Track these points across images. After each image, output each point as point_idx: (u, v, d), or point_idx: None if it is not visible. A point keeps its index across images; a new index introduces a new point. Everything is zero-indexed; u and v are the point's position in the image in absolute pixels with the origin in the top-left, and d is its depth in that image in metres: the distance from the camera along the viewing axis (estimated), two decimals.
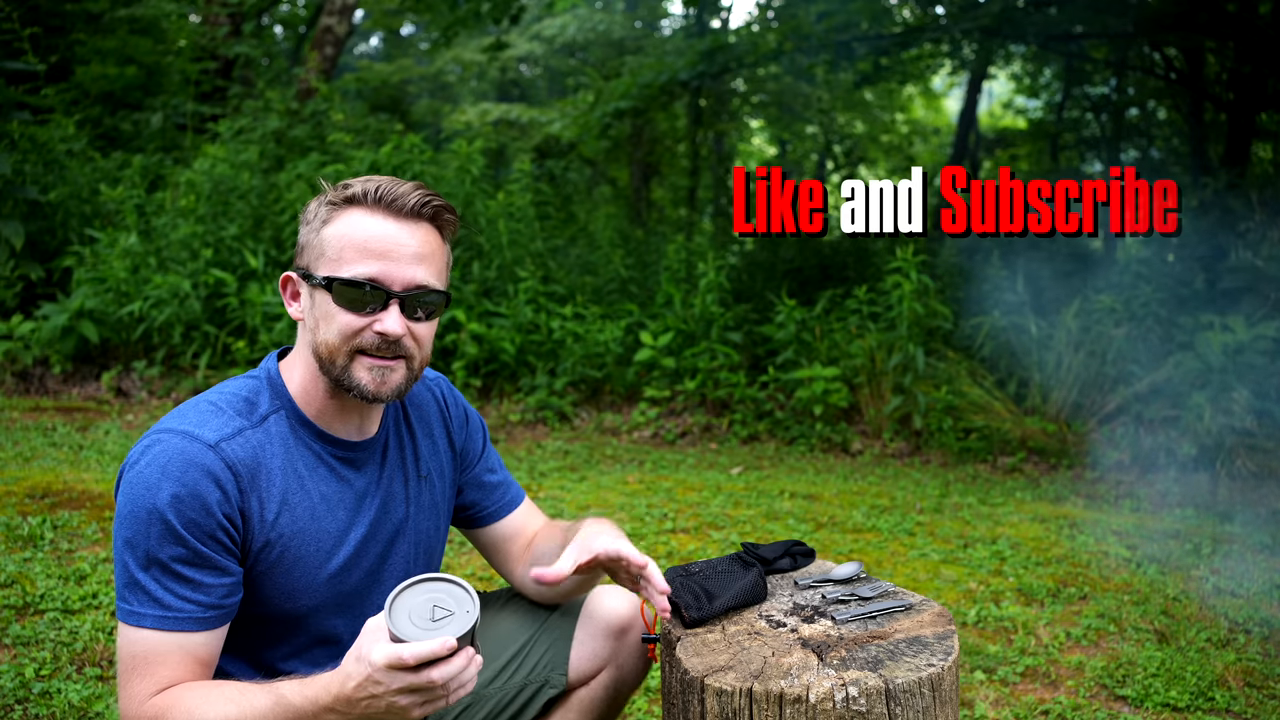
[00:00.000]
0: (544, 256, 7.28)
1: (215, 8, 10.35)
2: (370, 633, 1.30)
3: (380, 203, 1.48)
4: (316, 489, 1.54)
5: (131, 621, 1.40)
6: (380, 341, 1.48)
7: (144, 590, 1.40)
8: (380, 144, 7.67)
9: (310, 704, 1.32)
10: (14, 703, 2.38)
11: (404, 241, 1.48)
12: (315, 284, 1.49)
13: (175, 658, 1.40)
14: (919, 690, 1.40)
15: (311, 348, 1.52)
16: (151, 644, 1.40)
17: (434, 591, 1.31)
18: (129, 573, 1.40)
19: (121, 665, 1.41)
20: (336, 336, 1.48)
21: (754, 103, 14.99)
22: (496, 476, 1.82)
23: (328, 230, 1.49)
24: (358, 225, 1.48)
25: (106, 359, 6.41)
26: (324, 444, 1.56)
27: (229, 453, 1.45)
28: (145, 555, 1.40)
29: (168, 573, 1.40)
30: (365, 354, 1.49)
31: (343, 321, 1.47)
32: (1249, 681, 2.79)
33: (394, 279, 1.47)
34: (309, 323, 1.52)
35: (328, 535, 1.54)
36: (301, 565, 1.52)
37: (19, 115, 7.09)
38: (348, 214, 1.49)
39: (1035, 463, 5.73)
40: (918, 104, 18.54)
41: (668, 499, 4.45)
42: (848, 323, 6.49)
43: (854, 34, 9.49)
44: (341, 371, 1.49)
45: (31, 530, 3.47)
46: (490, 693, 1.75)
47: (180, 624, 1.40)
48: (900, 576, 3.56)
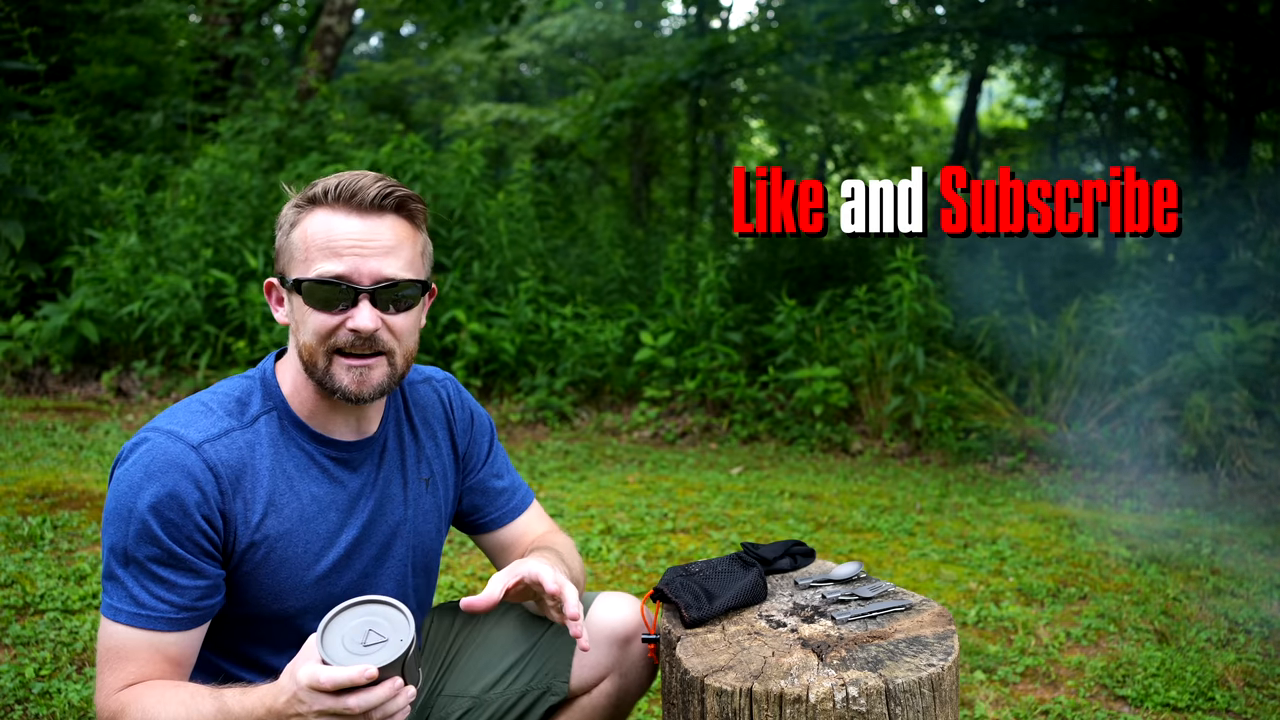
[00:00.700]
0: (544, 256, 7.28)
1: (215, 8, 10.35)
2: (305, 649, 1.29)
3: (341, 199, 1.48)
4: (306, 490, 1.53)
5: (109, 615, 1.43)
6: (355, 339, 1.47)
7: (122, 586, 1.42)
8: (380, 144, 7.67)
9: (247, 714, 1.32)
10: (14, 703, 2.38)
11: (369, 236, 1.47)
12: (289, 287, 1.50)
13: (145, 655, 1.42)
14: (919, 690, 1.40)
15: (297, 350, 1.52)
16: (124, 639, 1.42)
17: (373, 615, 1.29)
18: (109, 567, 1.44)
19: (98, 655, 1.45)
20: (313, 337, 1.48)
21: (754, 103, 14.98)
22: (502, 482, 1.81)
23: (295, 233, 1.50)
24: (321, 224, 1.48)
25: (106, 359, 6.41)
26: (317, 444, 1.55)
27: (211, 454, 1.45)
28: (124, 553, 1.42)
29: (144, 571, 1.42)
30: (343, 354, 1.48)
31: (316, 322, 1.47)
32: (1249, 681, 2.79)
33: (361, 274, 1.47)
34: (292, 326, 1.53)
35: (317, 537, 1.53)
36: (288, 567, 1.51)
37: (19, 115, 7.09)
38: (312, 214, 1.49)
39: (1035, 463, 5.72)
40: (918, 104, 18.54)
41: (668, 499, 4.45)
42: (848, 323, 6.49)
43: (854, 34, 9.48)
44: (323, 374, 1.49)
45: (31, 530, 3.47)
46: (491, 699, 1.74)
47: (153, 623, 1.42)
48: (900, 576, 3.56)
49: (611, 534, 3.91)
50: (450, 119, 14.47)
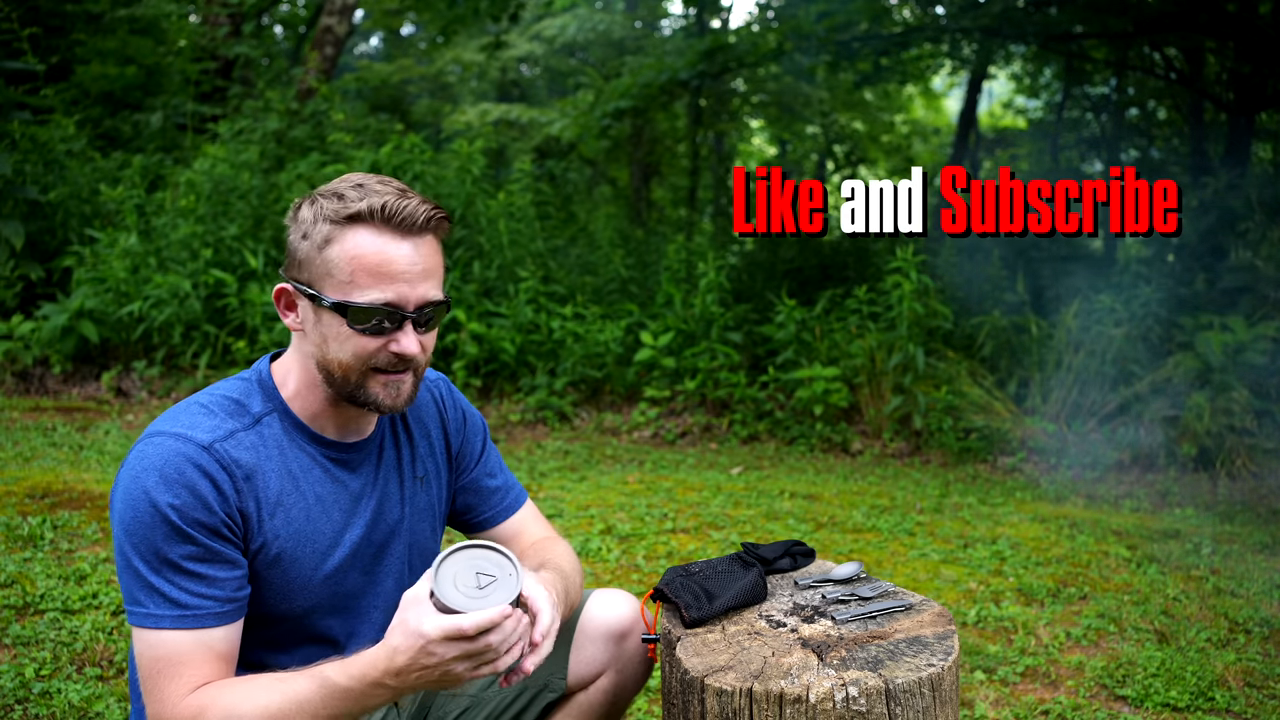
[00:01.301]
0: (544, 256, 7.28)
1: (215, 8, 10.35)
2: (413, 605, 1.30)
3: (390, 221, 1.44)
4: (311, 490, 1.54)
5: (150, 624, 1.39)
6: (396, 360, 1.48)
7: (158, 593, 1.39)
8: (380, 144, 7.67)
9: (358, 681, 1.32)
10: (14, 703, 2.38)
11: (415, 261, 1.46)
12: (324, 305, 1.46)
13: (199, 656, 1.39)
14: (919, 690, 1.40)
15: (316, 361, 1.51)
16: (173, 645, 1.39)
17: (474, 559, 1.33)
18: (141, 577, 1.39)
19: (145, 671, 1.40)
20: (351, 358, 1.47)
21: (754, 103, 14.97)
22: (495, 481, 1.81)
23: (333, 251, 1.45)
24: (371, 247, 1.44)
25: (106, 359, 6.41)
26: (318, 446, 1.56)
27: (223, 453, 1.45)
28: (156, 557, 1.39)
29: (180, 571, 1.39)
30: (379, 371, 1.49)
31: (358, 344, 1.46)
32: (1249, 681, 2.79)
33: (409, 300, 1.46)
34: (313, 337, 1.50)
35: (323, 536, 1.54)
36: (298, 566, 1.52)
37: (19, 115, 7.09)
38: (353, 233, 1.44)
39: (1035, 463, 5.72)
40: (918, 104, 18.53)
41: (668, 499, 4.45)
42: (848, 323, 6.49)
43: (854, 34, 9.48)
44: (355, 389, 1.50)
45: (31, 530, 3.47)
46: (489, 696, 1.75)
47: (200, 620, 1.40)
48: (900, 576, 3.56)
49: (611, 534, 3.91)
50: (450, 119, 14.45)
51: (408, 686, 1.31)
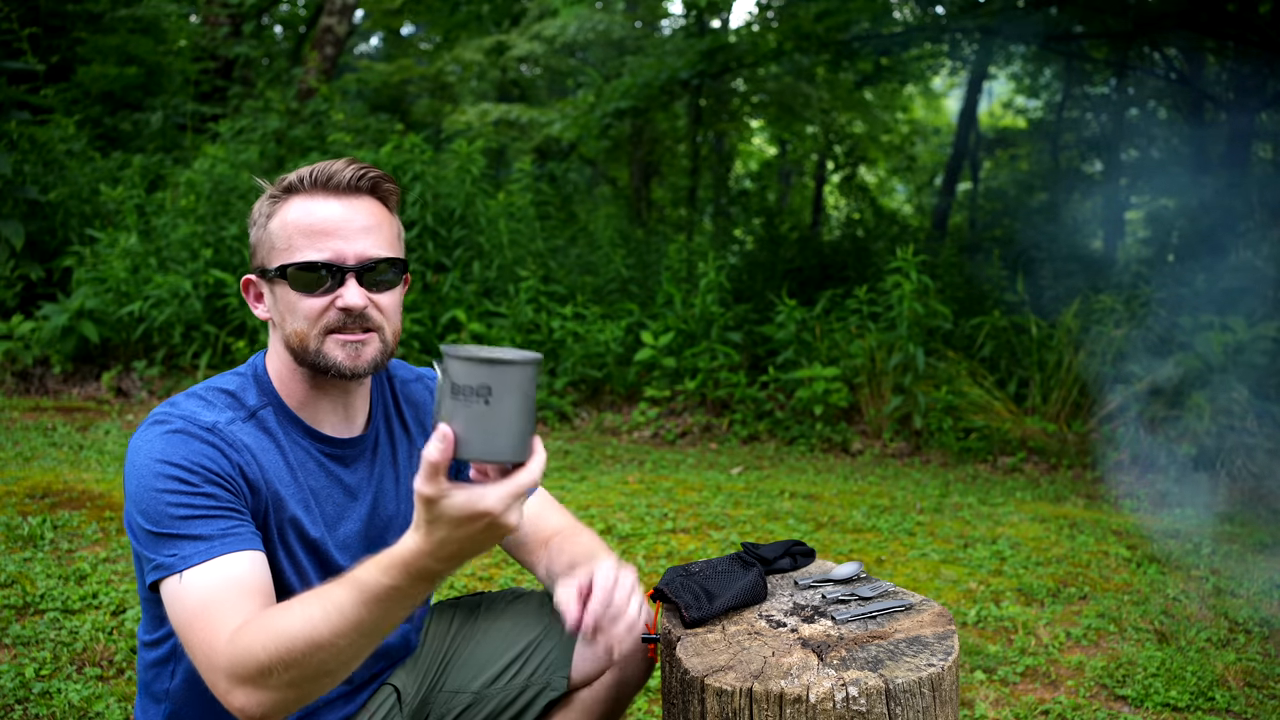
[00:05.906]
0: (544, 256, 7.28)
1: (215, 8, 10.36)
2: (431, 475, 1.15)
3: (317, 184, 1.51)
4: (307, 483, 1.55)
5: (180, 568, 1.35)
6: (345, 318, 1.49)
7: (178, 538, 1.37)
8: (380, 144, 7.67)
9: (393, 567, 1.21)
10: (14, 703, 2.38)
11: (348, 217, 1.50)
12: (272, 276, 1.51)
13: (233, 594, 1.34)
14: (919, 690, 1.40)
15: (283, 342, 1.53)
16: (204, 583, 1.34)
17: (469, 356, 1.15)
18: (161, 533, 1.37)
19: (185, 629, 1.35)
20: (303, 322, 1.49)
21: (754, 103, 14.96)
22: None
23: (273, 224, 1.51)
24: (301, 210, 1.50)
25: (106, 359, 6.41)
26: (313, 441, 1.57)
27: (228, 435, 1.47)
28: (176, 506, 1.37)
29: (195, 519, 1.38)
30: (335, 332, 1.50)
31: (305, 306, 1.49)
32: (1249, 681, 2.79)
33: (345, 254, 1.49)
34: (276, 319, 1.54)
35: (318, 529, 1.55)
36: (293, 557, 1.53)
37: (19, 115, 7.09)
38: (289, 203, 1.51)
39: (1035, 463, 5.72)
40: (918, 104, 18.53)
41: (668, 499, 4.45)
42: (848, 323, 6.49)
43: (854, 34, 9.48)
44: (315, 355, 1.50)
45: (31, 530, 3.47)
46: (491, 694, 1.75)
47: (225, 545, 1.37)
48: (900, 576, 3.56)
49: (611, 534, 3.91)
50: (450, 119, 14.44)
51: (449, 560, 1.20)
